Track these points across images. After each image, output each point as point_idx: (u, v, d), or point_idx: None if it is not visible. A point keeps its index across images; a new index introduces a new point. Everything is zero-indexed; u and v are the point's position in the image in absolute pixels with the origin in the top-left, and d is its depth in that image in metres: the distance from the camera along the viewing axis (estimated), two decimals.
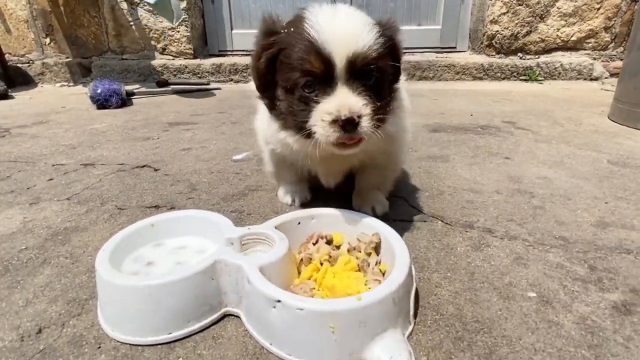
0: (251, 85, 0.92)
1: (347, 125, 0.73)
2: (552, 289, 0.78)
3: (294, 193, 1.14)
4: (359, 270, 0.76)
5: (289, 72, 0.78)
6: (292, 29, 0.78)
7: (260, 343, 0.66)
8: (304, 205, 1.13)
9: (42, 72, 4.08)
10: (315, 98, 0.76)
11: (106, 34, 4.06)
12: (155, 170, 1.48)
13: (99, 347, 0.67)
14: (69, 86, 3.99)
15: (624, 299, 0.75)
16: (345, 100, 0.74)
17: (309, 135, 0.79)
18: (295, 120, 0.81)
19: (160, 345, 0.67)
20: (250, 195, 1.25)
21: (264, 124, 0.98)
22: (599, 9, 3.68)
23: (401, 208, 1.14)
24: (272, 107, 0.87)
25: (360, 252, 0.80)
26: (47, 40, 4.06)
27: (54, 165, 1.54)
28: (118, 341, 0.68)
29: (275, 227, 0.82)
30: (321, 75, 0.75)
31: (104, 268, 0.70)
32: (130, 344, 0.67)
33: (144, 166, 1.53)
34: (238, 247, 0.77)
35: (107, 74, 3.97)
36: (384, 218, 0.98)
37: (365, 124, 0.75)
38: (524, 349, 0.64)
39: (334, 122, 0.73)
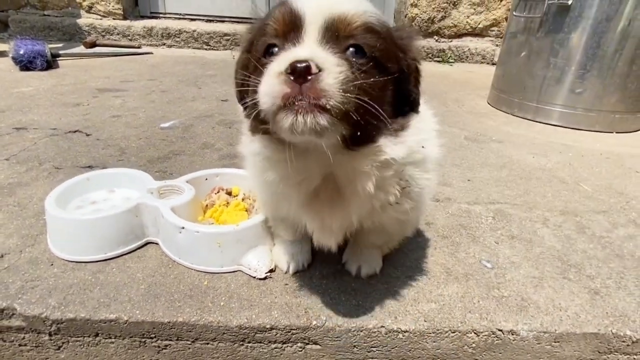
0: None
1: (297, 71, 0.53)
2: None
3: (290, 257, 0.95)
4: (246, 211, 1.09)
5: (256, 46, 0.65)
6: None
7: (172, 258, 0.97)
8: (300, 272, 0.97)
9: None
10: (271, 59, 0.60)
11: None
12: (87, 135, 1.67)
13: (52, 264, 0.94)
14: None
15: None
16: (303, 49, 0.58)
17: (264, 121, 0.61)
18: (250, 100, 0.61)
19: (99, 262, 0.95)
20: (174, 158, 1.51)
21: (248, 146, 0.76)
22: (501, 0, 4.19)
23: None
24: (247, 114, 0.69)
25: (249, 199, 1.13)
26: None
27: None
28: (66, 260, 0.95)
29: (187, 182, 1.11)
30: (286, 35, 0.60)
31: (52, 208, 0.95)
32: (75, 262, 0.95)
33: (76, 131, 1.70)
34: (157, 195, 1.05)
35: (26, 30, 3.78)
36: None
37: (330, 79, 0.54)
38: None
39: (281, 73, 0.55)
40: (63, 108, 1.98)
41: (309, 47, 0.58)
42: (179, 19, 4.22)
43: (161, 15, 4.22)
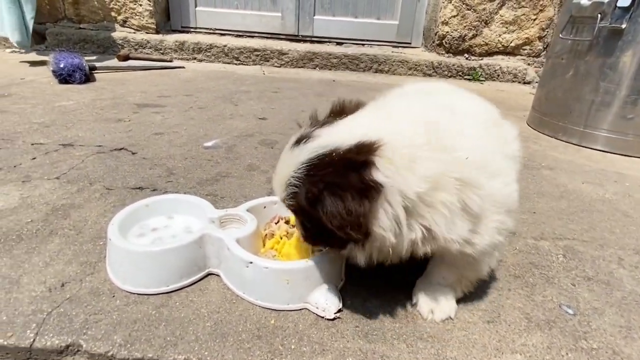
0: None
1: None
2: None
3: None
4: None
5: None
6: None
7: (235, 292, 0.93)
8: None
9: None
10: None
11: (62, 1, 3.93)
12: (133, 153, 1.66)
13: (114, 296, 0.90)
14: (21, 53, 3.84)
15: None
16: None
17: None
18: None
19: (161, 295, 0.91)
20: (222, 180, 1.48)
21: None
22: (535, 19, 4.13)
23: None
24: None
25: None
26: None
27: (33, 144, 1.66)
28: (128, 292, 0.91)
29: (247, 210, 1.07)
30: None
31: (117, 238, 0.92)
32: (138, 294, 0.91)
33: (121, 149, 1.69)
34: (218, 225, 1.01)
35: (62, 43, 3.88)
36: None
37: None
38: None
39: None
40: (105, 124, 1.99)
41: None
42: (210, 33, 4.27)
43: (192, 29, 4.28)
